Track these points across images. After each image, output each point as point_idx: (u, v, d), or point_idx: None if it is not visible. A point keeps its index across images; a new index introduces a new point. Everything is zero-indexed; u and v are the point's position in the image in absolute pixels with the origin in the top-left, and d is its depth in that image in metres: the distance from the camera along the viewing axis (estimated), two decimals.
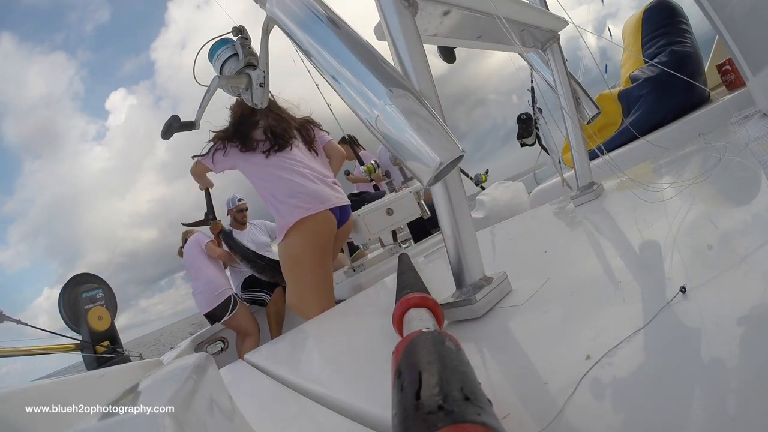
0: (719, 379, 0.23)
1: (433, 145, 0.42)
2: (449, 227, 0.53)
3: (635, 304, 0.36)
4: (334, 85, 0.52)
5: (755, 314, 0.27)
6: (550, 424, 0.25)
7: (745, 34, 0.96)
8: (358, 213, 1.93)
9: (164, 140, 1.28)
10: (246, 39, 1.17)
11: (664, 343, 0.28)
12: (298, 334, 1.07)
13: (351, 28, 0.53)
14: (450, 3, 0.67)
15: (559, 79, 1.03)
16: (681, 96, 1.76)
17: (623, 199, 0.78)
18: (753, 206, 0.51)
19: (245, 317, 2.88)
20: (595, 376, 0.27)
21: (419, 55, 0.54)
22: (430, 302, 0.42)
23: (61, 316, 2.80)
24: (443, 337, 0.27)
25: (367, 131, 0.49)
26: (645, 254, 0.49)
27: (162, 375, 0.32)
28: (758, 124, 0.86)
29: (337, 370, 0.61)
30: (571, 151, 1.05)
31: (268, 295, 2.94)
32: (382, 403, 0.37)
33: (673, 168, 0.98)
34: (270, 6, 0.62)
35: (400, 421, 0.20)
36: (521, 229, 1.07)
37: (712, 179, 0.65)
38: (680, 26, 1.92)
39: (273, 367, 0.76)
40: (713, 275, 0.35)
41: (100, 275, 3.04)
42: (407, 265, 0.83)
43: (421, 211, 2.17)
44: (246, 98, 1.10)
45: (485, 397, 0.21)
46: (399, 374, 0.24)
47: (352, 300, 1.27)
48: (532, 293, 0.49)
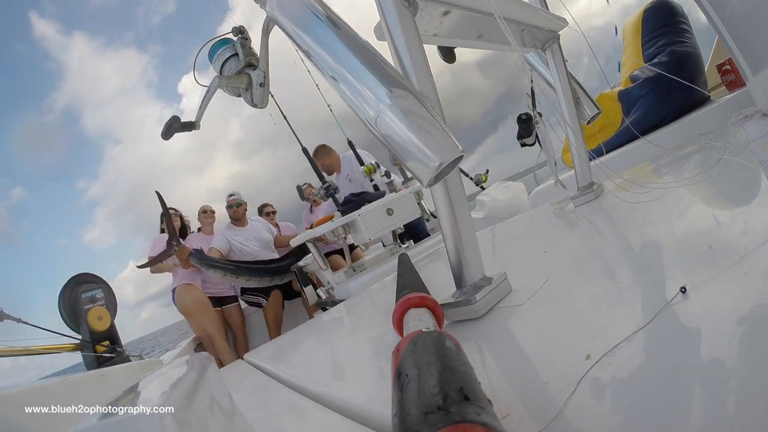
0: (719, 379, 0.23)
1: (433, 146, 0.42)
2: (449, 227, 0.53)
3: (635, 304, 0.36)
4: (334, 85, 0.52)
5: (755, 314, 0.27)
6: (550, 424, 0.25)
7: (745, 34, 0.96)
8: (358, 213, 1.93)
9: (164, 140, 1.28)
10: (246, 39, 1.17)
11: (664, 343, 0.28)
12: (298, 334, 1.07)
13: (351, 28, 0.53)
14: (450, 3, 0.67)
15: (559, 79, 1.03)
16: (681, 96, 1.76)
17: (623, 199, 0.78)
18: (753, 206, 0.51)
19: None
20: (595, 376, 0.27)
21: (419, 55, 0.54)
22: (430, 302, 0.42)
23: (61, 316, 2.79)
24: (443, 337, 0.27)
25: (367, 130, 0.49)
26: (645, 254, 0.49)
27: (162, 375, 0.32)
28: (758, 124, 0.86)
29: (337, 370, 0.61)
30: (570, 151, 1.05)
31: (265, 299, 2.91)
32: (382, 403, 0.37)
33: (673, 168, 0.98)
34: (270, 6, 0.62)
35: (400, 421, 0.20)
36: (521, 229, 1.07)
37: (712, 179, 0.65)
38: (680, 26, 1.92)
39: (273, 367, 0.76)
40: (713, 275, 0.35)
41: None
42: (407, 265, 0.83)
43: (421, 211, 2.17)
44: (246, 98, 1.10)
45: (485, 397, 0.21)
46: (399, 374, 0.24)
47: (352, 300, 1.27)
48: (532, 293, 0.49)
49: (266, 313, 2.90)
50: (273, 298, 2.90)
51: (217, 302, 2.91)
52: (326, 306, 2.00)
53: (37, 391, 0.56)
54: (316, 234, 1.99)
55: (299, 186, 3.01)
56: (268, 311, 2.89)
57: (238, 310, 3.00)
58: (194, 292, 2.73)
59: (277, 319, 2.90)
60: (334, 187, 2.28)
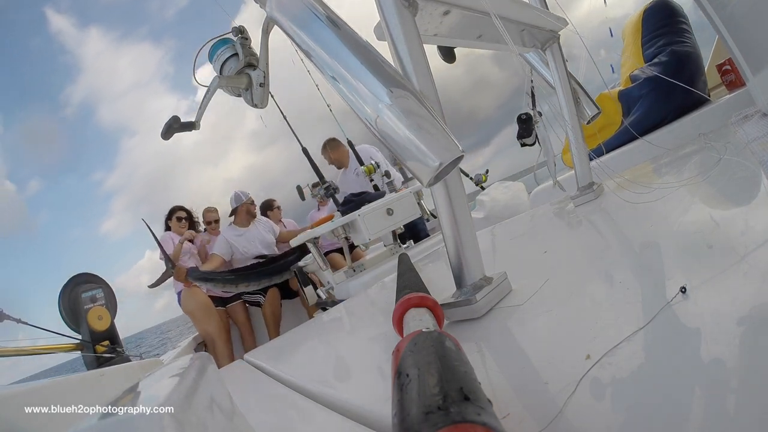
0: (719, 379, 0.23)
1: (433, 146, 0.42)
2: (449, 227, 0.53)
3: (635, 304, 0.36)
4: (334, 85, 0.52)
5: (755, 314, 0.27)
6: (550, 424, 0.25)
7: (745, 34, 0.96)
8: (358, 213, 1.93)
9: (164, 140, 1.28)
10: (246, 39, 1.17)
11: (664, 343, 0.28)
12: (298, 334, 1.07)
13: (351, 28, 0.53)
14: (450, 3, 0.67)
15: (559, 79, 1.03)
16: (681, 96, 1.76)
17: (623, 199, 0.78)
18: (753, 206, 0.51)
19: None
20: (595, 376, 0.27)
21: (419, 55, 0.54)
22: (430, 302, 0.42)
23: (60, 316, 2.79)
24: (443, 337, 0.27)
25: (366, 130, 0.49)
26: (645, 254, 0.49)
27: (162, 375, 0.32)
28: (758, 124, 0.86)
29: (337, 370, 0.61)
30: (570, 151, 1.05)
31: (263, 296, 2.92)
32: (382, 403, 0.37)
33: (673, 168, 0.98)
34: (270, 6, 0.62)
35: (400, 421, 0.20)
36: (521, 229, 1.07)
37: (712, 179, 0.65)
38: (680, 26, 1.92)
39: (273, 367, 0.76)
40: (713, 275, 0.35)
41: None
42: (407, 265, 0.83)
43: (421, 211, 2.17)
44: (246, 98, 1.10)
45: (485, 397, 0.21)
46: (399, 374, 0.24)
47: (352, 300, 1.27)
48: (532, 293, 0.49)
49: (264, 311, 2.91)
50: (270, 296, 2.90)
51: (222, 302, 2.93)
52: (326, 306, 2.00)
53: (36, 391, 0.56)
54: (315, 234, 1.99)
55: (299, 186, 3.02)
56: (266, 309, 2.90)
57: (243, 307, 3.02)
58: (198, 295, 2.79)
59: (275, 318, 2.90)
60: (334, 187, 2.28)
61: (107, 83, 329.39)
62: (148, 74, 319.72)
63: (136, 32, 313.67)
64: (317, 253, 2.05)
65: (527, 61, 1.12)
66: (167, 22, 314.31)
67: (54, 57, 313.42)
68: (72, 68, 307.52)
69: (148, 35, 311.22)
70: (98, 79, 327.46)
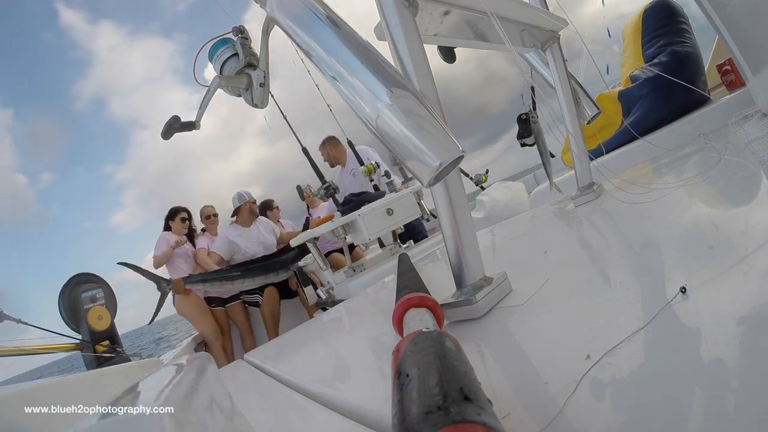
0: (719, 379, 0.23)
1: (433, 146, 0.42)
2: (449, 227, 0.53)
3: (635, 304, 0.36)
4: (335, 85, 0.52)
5: (755, 314, 0.27)
6: (550, 424, 0.25)
7: (745, 34, 0.96)
8: (358, 213, 1.93)
9: (164, 140, 1.28)
10: (246, 39, 1.17)
11: (664, 343, 0.28)
12: (298, 334, 1.07)
13: (351, 28, 0.53)
14: (450, 3, 0.67)
15: (559, 79, 1.03)
16: (681, 96, 1.76)
17: (623, 199, 0.78)
18: (753, 206, 0.51)
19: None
20: (595, 376, 0.27)
21: (419, 55, 0.54)
22: (430, 302, 0.42)
23: (60, 316, 2.79)
24: (443, 337, 0.27)
25: (366, 130, 0.49)
26: (645, 254, 0.49)
27: (162, 375, 0.32)
28: (758, 124, 0.86)
29: (337, 370, 0.61)
30: (570, 151, 1.05)
31: (261, 296, 2.92)
32: (382, 403, 0.37)
33: (673, 168, 0.98)
34: (270, 6, 0.62)
35: (400, 421, 0.20)
36: (521, 229, 1.07)
37: (712, 179, 0.65)
38: (680, 26, 1.92)
39: (273, 367, 0.76)
40: (713, 275, 0.35)
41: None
42: (407, 265, 0.83)
43: (421, 211, 2.17)
44: (246, 98, 1.10)
45: (485, 397, 0.21)
46: (399, 374, 0.24)
47: (352, 300, 1.27)
48: (532, 293, 0.49)
49: (263, 311, 2.91)
50: (267, 296, 2.90)
51: (221, 302, 2.93)
52: (326, 306, 2.00)
53: (36, 391, 0.56)
54: (315, 234, 1.99)
55: (299, 186, 3.02)
56: (264, 309, 2.90)
57: (242, 307, 3.01)
58: (191, 297, 2.80)
59: (273, 318, 2.90)
60: (334, 187, 2.28)
61: (118, 77, 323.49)
62: (160, 68, 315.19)
63: (148, 27, 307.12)
64: (317, 253, 2.05)
65: (527, 61, 1.12)
66: (178, 15, 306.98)
67: (65, 51, 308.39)
68: (83, 63, 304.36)
69: (160, 29, 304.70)
70: (109, 73, 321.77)
